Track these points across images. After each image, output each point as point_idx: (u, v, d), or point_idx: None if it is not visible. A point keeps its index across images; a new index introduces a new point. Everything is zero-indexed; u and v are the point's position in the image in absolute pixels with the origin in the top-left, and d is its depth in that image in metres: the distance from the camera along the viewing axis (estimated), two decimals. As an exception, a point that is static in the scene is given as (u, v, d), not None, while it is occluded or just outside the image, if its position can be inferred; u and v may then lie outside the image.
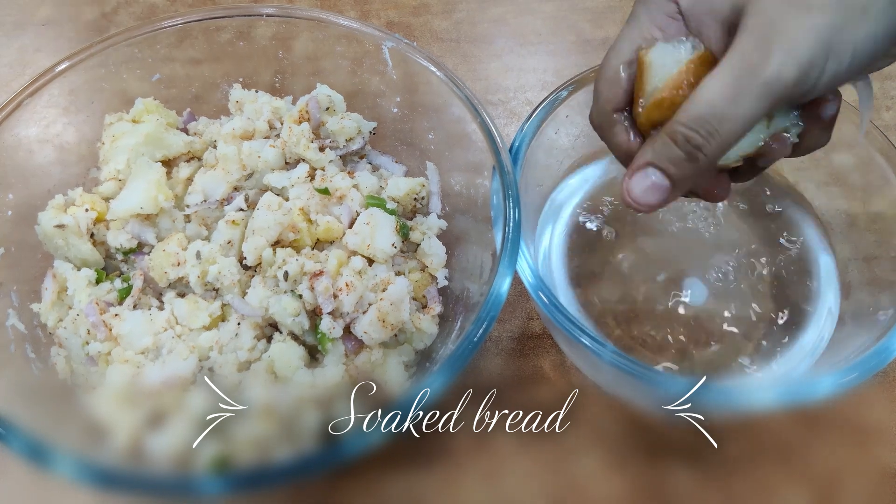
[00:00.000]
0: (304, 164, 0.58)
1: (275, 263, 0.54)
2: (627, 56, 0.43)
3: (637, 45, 0.43)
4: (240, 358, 0.51)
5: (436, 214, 0.60)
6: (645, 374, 0.45)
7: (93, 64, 0.58)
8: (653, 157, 0.39)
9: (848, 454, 0.57)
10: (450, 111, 0.58)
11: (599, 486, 0.56)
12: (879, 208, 0.56)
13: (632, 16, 0.44)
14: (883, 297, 0.53)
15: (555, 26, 0.83)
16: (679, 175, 0.39)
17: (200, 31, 0.62)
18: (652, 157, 0.39)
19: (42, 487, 0.56)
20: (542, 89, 0.78)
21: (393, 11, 0.85)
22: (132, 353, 0.51)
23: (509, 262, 0.48)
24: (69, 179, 0.59)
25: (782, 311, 0.56)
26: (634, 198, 0.40)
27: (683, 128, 0.37)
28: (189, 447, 0.49)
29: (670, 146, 0.38)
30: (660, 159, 0.39)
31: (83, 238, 0.55)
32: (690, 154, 0.38)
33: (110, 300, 0.54)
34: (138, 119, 0.60)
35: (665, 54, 0.41)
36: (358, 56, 0.62)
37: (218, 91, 0.65)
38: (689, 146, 0.38)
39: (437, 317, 0.55)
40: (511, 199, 0.51)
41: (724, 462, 0.57)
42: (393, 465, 0.57)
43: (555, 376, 0.61)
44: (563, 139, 0.61)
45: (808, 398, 0.45)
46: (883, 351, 0.47)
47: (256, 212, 0.54)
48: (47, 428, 0.47)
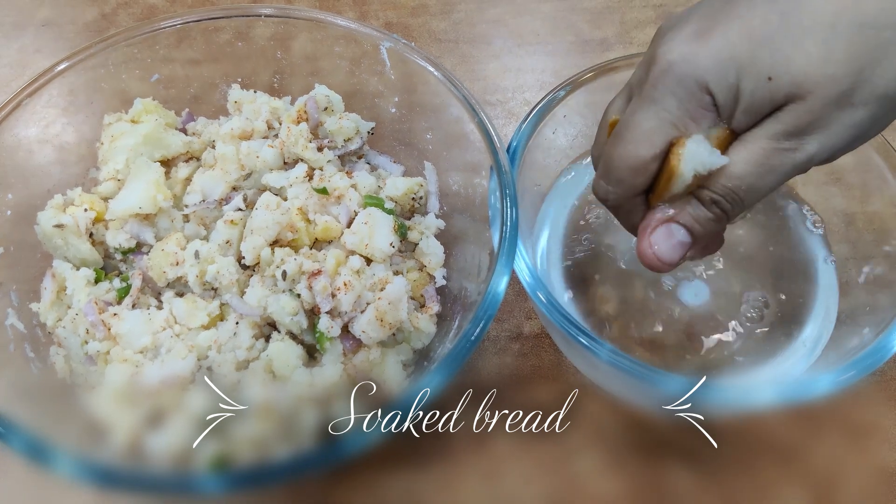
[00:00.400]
0: (302, 163, 0.58)
1: (273, 263, 0.54)
2: (658, 148, 0.40)
3: (668, 136, 0.39)
4: (238, 357, 0.51)
5: (434, 214, 0.61)
6: (643, 373, 0.46)
7: (92, 64, 0.59)
8: (681, 216, 0.41)
9: (846, 453, 0.57)
10: (448, 111, 0.58)
11: (599, 486, 0.56)
12: (877, 207, 0.56)
13: (655, 101, 0.39)
14: (880, 296, 0.53)
15: (553, 27, 0.83)
16: (702, 233, 0.41)
17: (199, 31, 0.62)
18: (679, 217, 0.41)
19: (42, 487, 0.56)
20: (541, 89, 0.78)
21: (391, 12, 0.85)
22: (131, 352, 0.51)
23: (507, 262, 0.48)
24: (68, 179, 0.59)
25: (780, 309, 0.56)
26: (660, 255, 0.41)
27: (715, 195, 0.39)
28: (188, 446, 0.49)
29: (699, 208, 0.40)
30: (686, 218, 0.41)
31: (82, 238, 0.55)
32: (718, 216, 0.40)
33: (109, 300, 0.54)
34: (137, 119, 0.60)
35: (699, 147, 0.39)
36: (356, 56, 0.62)
37: (216, 91, 0.65)
38: (717, 209, 0.40)
39: (435, 316, 0.56)
40: (509, 199, 0.51)
41: (723, 462, 0.57)
42: (392, 465, 0.57)
43: (553, 376, 0.61)
44: (561, 139, 0.61)
45: (807, 397, 0.45)
46: (880, 349, 0.47)
47: (255, 211, 0.54)
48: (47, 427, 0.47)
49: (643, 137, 0.40)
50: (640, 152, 0.40)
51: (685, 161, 0.39)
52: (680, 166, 0.39)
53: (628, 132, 0.40)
